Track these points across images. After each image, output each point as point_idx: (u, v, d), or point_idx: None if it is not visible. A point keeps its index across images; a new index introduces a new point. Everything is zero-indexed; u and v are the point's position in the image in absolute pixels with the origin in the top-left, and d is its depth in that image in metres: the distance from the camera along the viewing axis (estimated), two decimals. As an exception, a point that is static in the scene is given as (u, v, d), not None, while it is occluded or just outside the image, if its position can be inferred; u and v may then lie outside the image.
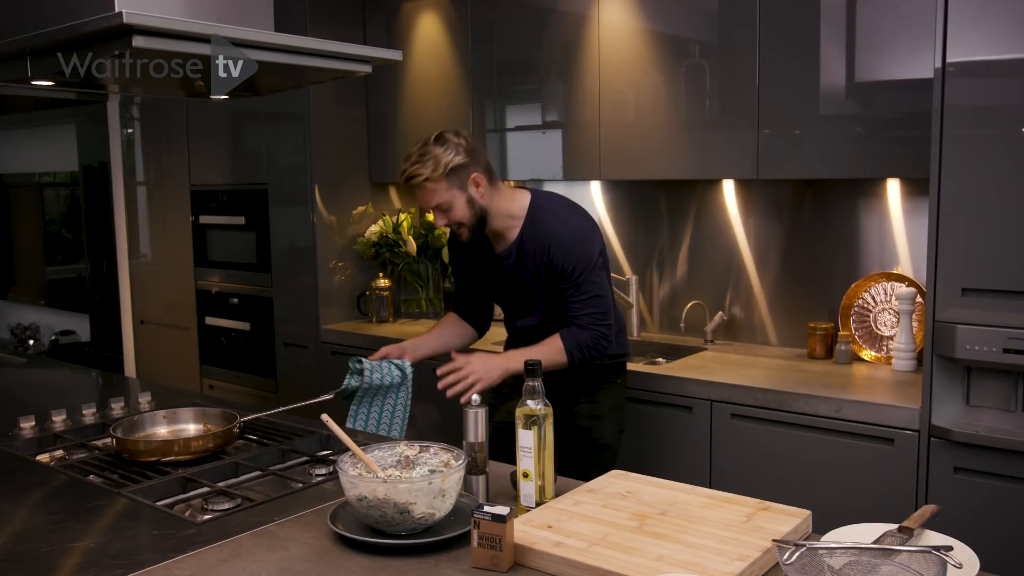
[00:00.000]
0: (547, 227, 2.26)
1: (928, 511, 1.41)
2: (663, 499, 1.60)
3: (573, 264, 2.23)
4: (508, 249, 2.31)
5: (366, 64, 2.02)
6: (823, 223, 3.07)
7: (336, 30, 3.86)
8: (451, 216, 2.22)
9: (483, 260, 2.38)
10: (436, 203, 2.20)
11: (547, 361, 2.14)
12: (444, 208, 2.21)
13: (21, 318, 6.15)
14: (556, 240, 2.24)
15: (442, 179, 2.18)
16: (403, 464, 1.61)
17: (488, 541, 1.40)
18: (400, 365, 2.30)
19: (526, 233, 2.28)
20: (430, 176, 2.17)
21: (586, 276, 2.24)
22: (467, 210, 2.22)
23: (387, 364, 2.28)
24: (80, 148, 5.30)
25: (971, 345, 2.25)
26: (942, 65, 2.24)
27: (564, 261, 2.23)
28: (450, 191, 2.20)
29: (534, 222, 2.28)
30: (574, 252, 2.24)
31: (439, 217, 2.23)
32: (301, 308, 3.96)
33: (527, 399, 1.61)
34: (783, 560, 1.09)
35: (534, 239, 2.26)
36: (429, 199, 2.20)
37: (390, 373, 2.27)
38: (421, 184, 2.19)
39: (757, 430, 2.63)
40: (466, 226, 2.25)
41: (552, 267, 2.24)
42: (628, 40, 3.13)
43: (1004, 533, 2.24)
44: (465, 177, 2.21)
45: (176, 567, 1.43)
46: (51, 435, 2.18)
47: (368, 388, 2.27)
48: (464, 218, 2.23)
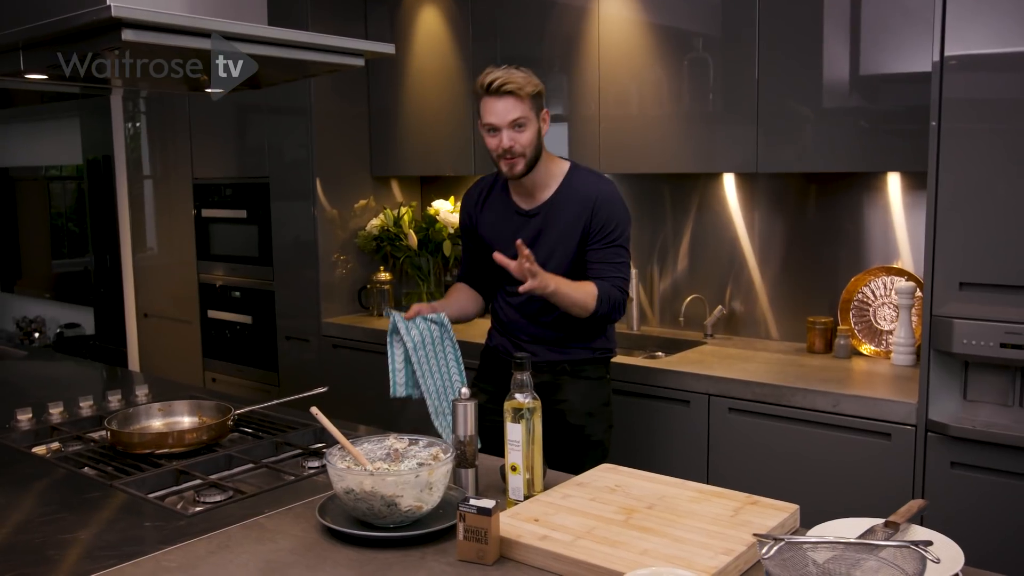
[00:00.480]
0: (593, 186, 2.30)
1: (915, 506, 1.41)
2: (651, 493, 1.59)
3: (615, 223, 2.27)
4: (538, 208, 2.31)
5: (358, 57, 2.01)
6: (825, 217, 3.06)
7: (338, 24, 3.85)
8: (522, 137, 2.21)
9: (502, 218, 2.36)
10: (517, 116, 2.19)
11: (574, 303, 2.20)
12: (521, 124, 2.20)
13: (27, 311, 6.18)
14: (604, 197, 2.28)
15: (528, 97, 2.20)
16: (392, 457, 1.61)
17: (474, 534, 1.40)
18: (437, 319, 2.25)
19: (565, 191, 2.30)
20: (522, 87, 2.18)
21: (622, 240, 2.29)
22: (535, 139, 2.23)
23: (422, 320, 2.23)
24: (84, 142, 5.32)
25: (968, 340, 2.24)
26: (940, 59, 2.23)
27: (607, 219, 2.27)
28: (530, 113, 2.21)
29: (578, 180, 2.32)
30: (617, 212, 2.29)
31: (510, 136, 2.19)
32: (302, 302, 3.98)
33: (515, 392, 1.61)
34: (762, 554, 1.09)
35: (576, 197, 2.28)
36: (511, 111, 2.18)
37: (428, 329, 2.22)
38: (511, 93, 2.17)
39: (754, 424, 2.62)
40: (526, 158, 2.23)
41: (592, 225, 2.26)
42: (628, 33, 3.13)
43: (1001, 528, 2.23)
44: (540, 107, 2.25)
45: (164, 558, 1.44)
46: (48, 427, 2.19)
47: (413, 350, 2.19)
48: (529, 146, 2.22)
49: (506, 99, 2.18)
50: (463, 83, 3.64)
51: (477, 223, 2.43)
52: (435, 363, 2.23)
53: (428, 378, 2.20)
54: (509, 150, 2.21)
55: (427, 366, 2.21)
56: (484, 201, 2.42)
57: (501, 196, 2.38)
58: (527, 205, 2.34)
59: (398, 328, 2.18)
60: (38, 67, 1.78)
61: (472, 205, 2.46)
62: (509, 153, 2.21)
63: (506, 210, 2.37)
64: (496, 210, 2.39)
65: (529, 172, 2.26)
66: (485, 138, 2.26)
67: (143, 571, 1.39)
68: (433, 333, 2.23)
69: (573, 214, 2.28)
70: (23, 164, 6.14)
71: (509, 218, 2.35)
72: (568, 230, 2.28)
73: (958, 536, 2.27)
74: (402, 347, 2.19)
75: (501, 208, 2.38)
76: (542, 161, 2.29)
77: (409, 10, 3.81)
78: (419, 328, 2.21)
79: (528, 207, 2.33)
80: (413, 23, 3.80)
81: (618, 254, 2.29)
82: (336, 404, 3.70)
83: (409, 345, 2.17)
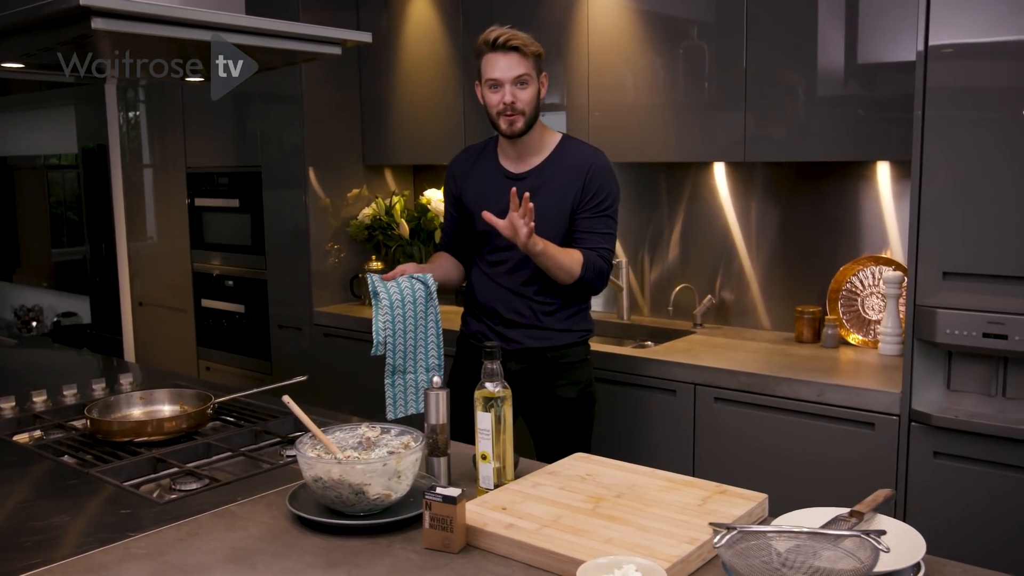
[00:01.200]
0: (588, 155, 2.34)
1: (881, 495, 1.41)
2: (621, 482, 1.60)
3: (606, 192, 2.30)
4: (528, 172, 2.33)
5: (335, 46, 2.01)
6: (815, 206, 3.05)
7: (331, 13, 3.85)
8: (523, 95, 2.24)
9: (490, 182, 2.36)
10: (521, 72, 2.22)
11: (560, 266, 2.22)
12: (523, 81, 2.23)
13: (25, 300, 6.20)
14: (598, 166, 2.31)
15: (531, 56, 2.24)
16: (364, 446, 1.62)
17: (439, 522, 1.40)
18: (422, 278, 2.23)
19: (558, 158, 2.33)
20: (527, 44, 2.23)
21: (611, 211, 2.32)
22: (535, 98, 2.27)
23: (406, 279, 2.21)
24: (79, 130, 5.32)
25: (951, 329, 2.24)
26: (924, 48, 2.21)
27: (599, 187, 2.29)
28: (532, 71, 2.25)
29: (572, 149, 2.35)
30: (609, 182, 2.32)
31: (511, 92, 2.23)
32: (295, 290, 3.98)
33: (485, 381, 1.61)
34: (714, 543, 1.09)
35: (574, 163, 2.31)
36: (515, 67, 2.22)
37: (411, 287, 2.20)
38: (516, 49, 2.21)
39: (740, 414, 2.62)
40: (526, 116, 2.26)
41: (584, 193, 2.28)
42: (617, 20, 3.11)
43: (983, 518, 2.23)
44: (540, 69, 2.29)
45: (133, 545, 1.44)
46: (30, 415, 2.20)
47: (389, 307, 2.15)
48: (530, 104, 2.26)
49: (510, 55, 2.22)
50: (454, 71, 3.63)
51: (463, 190, 2.43)
52: (411, 322, 2.20)
53: (399, 336, 2.18)
54: (511, 105, 2.23)
55: (401, 324, 2.18)
56: (471, 167, 2.43)
57: (490, 161, 2.40)
58: (516, 169, 2.35)
59: (377, 290, 2.17)
60: (12, 56, 1.78)
61: (459, 171, 2.46)
62: (511, 109, 2.24)
63: (495, 174, 2.38)
64: (484, 175, 2.39)
65: (527, 132, 2.28)
66: (486, 95, 2.28)
67: (111, 558, 1.40)
68: (416, 292, 2.21)
69: (566, 181, 2.29)
70: (22, 153, 6.15)
71: (498, 182, 2.35)
72: (559, 197, 2.29)
73: (940, 525, 2.29)
74: (387, 305, 2.16)
75: (489, 173, 2.39)
76: (536, 126, 2.31)
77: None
78: (400, 287, 2.20)
79: (517, 171, 2.35)
80: (405, 11, 3.79)
81: (606, 224, 2.31)
82: (328, 392, 3.73)
83: (385, 303, 2.15)
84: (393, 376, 2.21)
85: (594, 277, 2.28)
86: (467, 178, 2.43)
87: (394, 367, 2.20)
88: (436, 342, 2.26)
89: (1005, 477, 2.19)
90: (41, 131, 5.89)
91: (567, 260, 2.23)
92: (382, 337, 2.15)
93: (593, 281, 2.29)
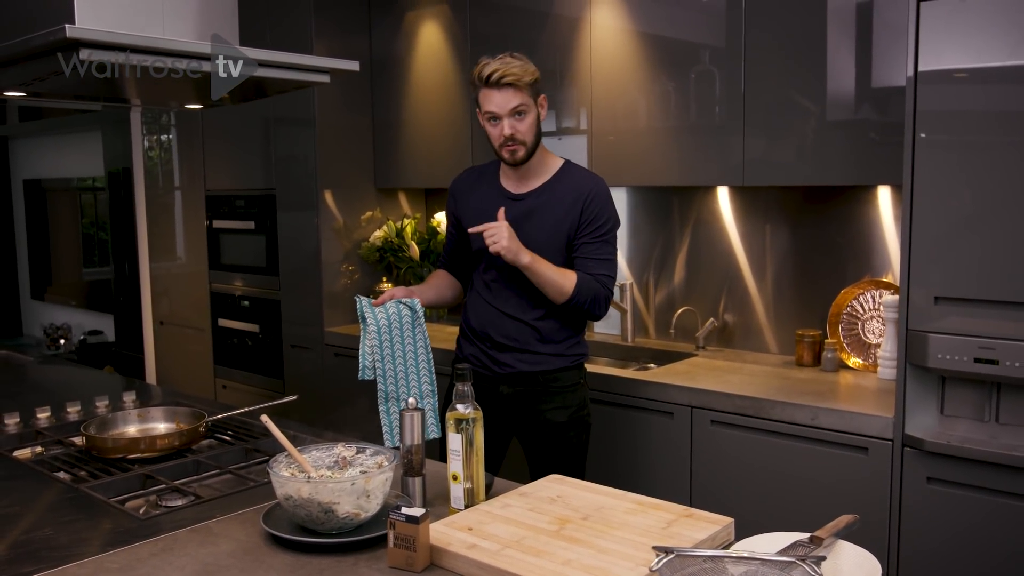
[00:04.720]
0: (590, 181, 2.37)
1: (843, 521, 1.41)
2: (590, 504, 1.61)
3: (605, 218, 2.34)
4: (528, 193, 2.36)
5: (324, 75, 2.06)
6: (818, 230, 3.04)
7: (343, 40, 3.92)
8: (522, 125, 2.27)
9: (490, 201, 2.39)
10: (516, 104, 2.25)
11: (551, 281, 2.26)
12: (521, 111, 2.26)
13: (55, 318, 6.35)
14: (598, 192, 2.34)
15: (527, 86, 2.26)
16: (339, 465, 1.65)
17: (403, 542, 1.43)
18: (409, 303, 2.24)
19: (559, 182, 2.36)
20: (520, 77, 2.24)
21: (610, 236, 2.36)
22: (535, 125, 2.30)
23: (394, 304, 2.23)
24: (106, 154, 5.46)
25: (943, 354, 2.22)
26: (915, 73, 2.22)
27: (599, 213, 2.32)
28: (528, 100, 2.27)
29: (573, 175, 2.39)
30: (608, 208, 2.36)
31: (510, 125, 2.25)
32: (307, 311, 4.04)
33: (457, 403, 1.64)
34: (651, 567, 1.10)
35: (573, 188, 2.34)
36: (511, 100, 2.24)
37: (398, 312, 2.22)
38: (510, 83, 2.23)
39: (736, 437, 2.62)
40: (527, 145, 2.29)
41: (583, 218, 2.31)
42: (618, 44, 3.14)
43: (976, 544, 2.21)
44: (538, 93, 2.31)
45: (108, 560, 1.49)
46: (33, 431, 2.27)
47: (377, 332, 2.17)
48: (530, 132, 2.29)
49: (505, 90, 2.25)
50: (462, 96, 3.69)
51: (463, 209, 2.47)
52: (399, 347, 2.22)
53: (388, 361, 2.19)
54: (511, 138, 2.26)
55: (389, 349, 2.20)
56: (472, 187, 2.47)
57: (492, 181, 2.44)
58: (517, 190, 2.39)
59: (365, 314, 2.20)
60: (12, 85, 1.86)
61: (460, 190, 2.51)
62: (511, 141, 2.27)
63: (495, 194, 2.41)
64: (484, 195, 2.43)
65: (530, 158, 2.32)
66: (486, 127, 2.31)
67: (85, 571, 1.44)
68: (403, 317, 2.23)
69: (564, 205, 2.33)
70: (55, 176, 6.32)
71: (498, 201, 2.38)
72: (557, 219, 2.32)
73: (933, 551, 2.26)
74: (375, 330, 2.18)
75: (490, 193, 2.42)
76: (539, 149, 2.35)
77: (411, 24, 3.87)
78: (387, 312, 2.21)
79: (518, 191, 2.38)
80: (415, 37, 3.86)
81: (604, 250, 2.34)
82: (337, 412, 3.77)
83: (372, 328, 2.18)
84: (387, 403, 2.22)
85: (589, 300, 2.29)
86: (467, 197, 2.47)
87: (387, 393, 2.21)
88: (427, 367, 2.25)
89: (998, 503, 2.17)
90: (72, 155, 6.06)
91: (558, 277, 2.26)
92: (369, 361, 2.19)
93: (588, 305, 2.30)
